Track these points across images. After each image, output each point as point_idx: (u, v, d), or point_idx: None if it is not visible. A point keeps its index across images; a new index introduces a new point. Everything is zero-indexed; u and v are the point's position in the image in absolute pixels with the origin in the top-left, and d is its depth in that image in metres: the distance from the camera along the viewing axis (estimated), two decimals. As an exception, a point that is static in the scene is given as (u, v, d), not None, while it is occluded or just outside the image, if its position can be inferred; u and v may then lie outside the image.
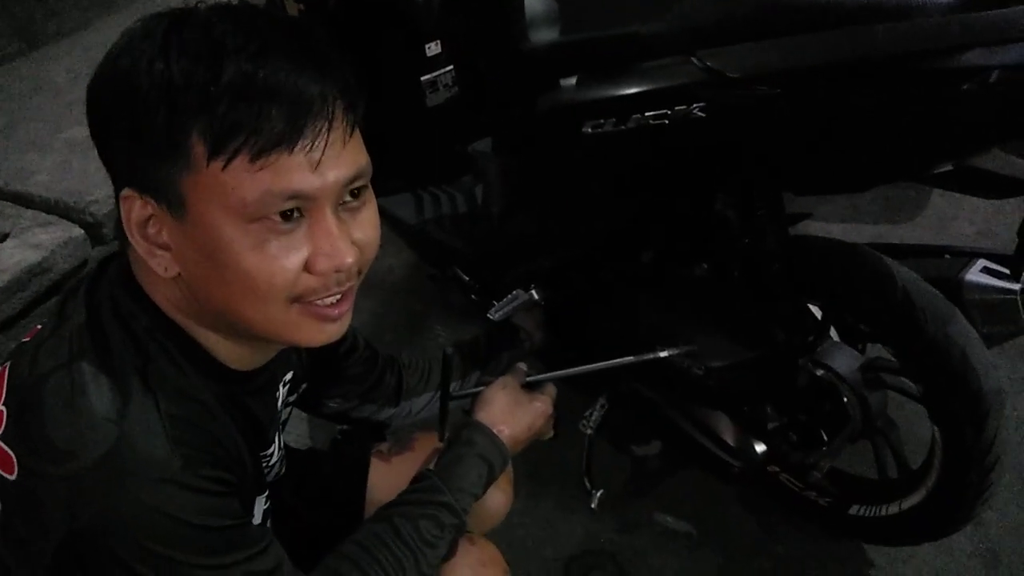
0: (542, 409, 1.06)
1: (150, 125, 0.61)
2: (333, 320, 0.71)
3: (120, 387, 0.65)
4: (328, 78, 0.63)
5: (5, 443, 0.65)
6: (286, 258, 0.64)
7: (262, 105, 0.60)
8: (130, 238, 0.66)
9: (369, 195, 0.71)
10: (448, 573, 0.92)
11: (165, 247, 0.66)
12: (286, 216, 0.63)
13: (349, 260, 0.66)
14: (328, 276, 0.67)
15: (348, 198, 0.68)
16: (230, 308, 0.67)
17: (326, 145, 0.63)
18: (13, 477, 0.65)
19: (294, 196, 0.63)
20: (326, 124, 0.63)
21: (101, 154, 0.66)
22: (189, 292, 0.69)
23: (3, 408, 0.67)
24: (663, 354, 1.16)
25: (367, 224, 0.70)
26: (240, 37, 0.61)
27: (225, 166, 0.61)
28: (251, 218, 0.62)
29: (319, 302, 0.69)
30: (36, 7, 2.55)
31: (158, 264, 0.66)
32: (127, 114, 0.62)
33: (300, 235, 0.65)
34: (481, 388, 1.07)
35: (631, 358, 1.17)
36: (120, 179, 0.65)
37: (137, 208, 0.65)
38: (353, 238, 0.68)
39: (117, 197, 0.66)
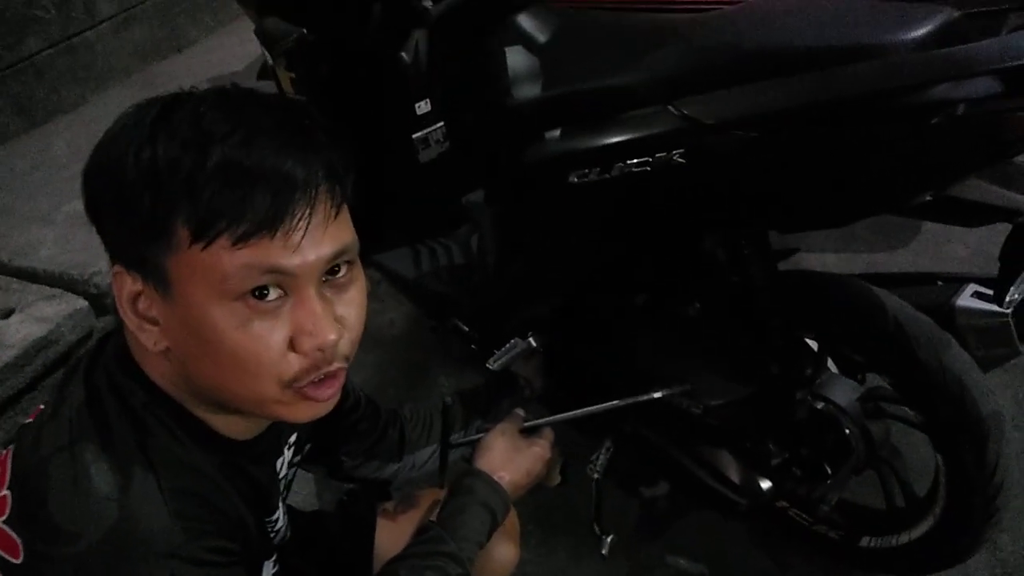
0: (540, 454, 1.07)
1: (136, 209, 0.62)
2: (320, 401, 0.71)
3: (120, 465, 0.66)
4: (313, 161, 0.64)
5: (10, 527, 0.66)
6: (270, 336, 0.65)
7: (245, 192, 0.61)
8: (121, 313, 0.68)
9: (356, 273, 0.72)
10: None
11: (154, 322, 0.67)
12: (265, 293, 0.64)
13: (332, 337, 0.67)
14: (313, 355, 0.67)
15: (332, 275, 0.69)
16: (218, 384, 0.68)
17: (307, 228, 0.64)
18: (19, 561, 0.65)
19: (272, 271, 0.63)
20: (307, 209, 0.64)
21: (97, 230, 0.68)
22: (180, 367, 0.69)
23: (8, 492, 0.68)
24: (657, 395, 1.17)
25: (352, 302, 0.71)
26: (227, 124, 0.62)
27: (206, 247, 0.62)
28: (233, 295, 0.63)
29: (307, 383, 0.69)
30: (35, 84, 2.61)
31: (147, 338, 0.67)
32: (115, 198, 0.64)
33: (283, 314, 0.66)
34: (480, 436, 1.08)
35: (626, 400, 1.18)
36: (112, 255, 0.67)
37: (127, 284, 0.66)
38: (336, 315, 0.68)
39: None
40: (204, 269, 0.62)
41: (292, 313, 0.66)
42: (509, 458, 1.04)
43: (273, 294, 0.65)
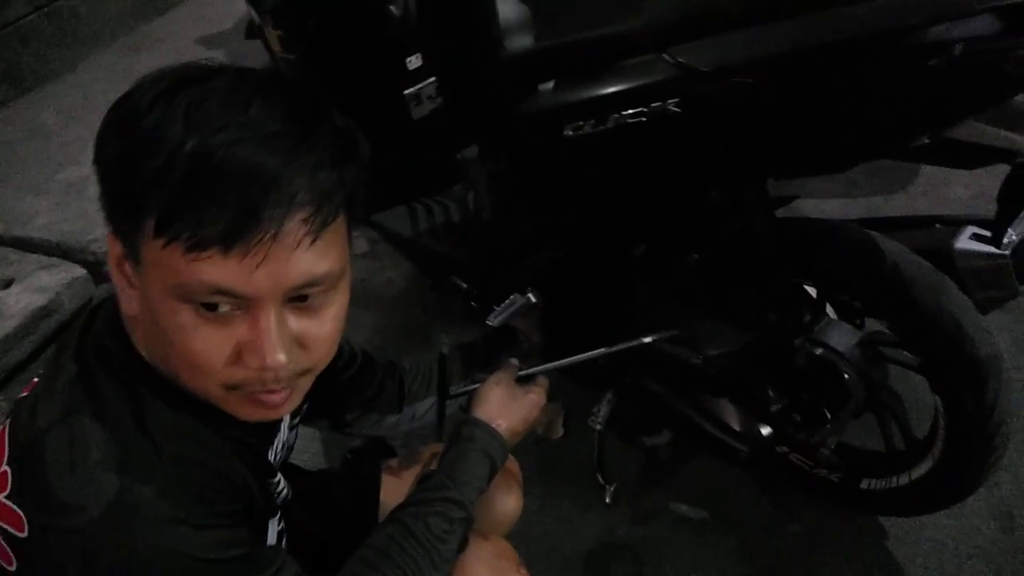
0: (536, 400, 1.08)
1: (113, 181, 0.61)
2: (270, 406, 0.69)
3: (117, 435, 0.66)
4: (297, 176, 0.60)
5: (12, 502, 0.66)
6: (215, 345, 0.63)
7: (206, 198, 0.57)
8: (110, 269, 0.67)
9: (334, 296, 0.68)
10: (462, 567, 0.94)
11: (134, 287, 0.66)
12: (212, 307, 0.62)
13: (280, 359, 0.63)
14: (258, 371, 0.64)
15: (300, 300, 0.65)
16: (170, 367, 0.67)
17: (268, 252, 0.59)
18: (24, 535, 0.65)
19: (224, 292, 0.60)
20: (273, 231, 0.59)
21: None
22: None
23: (7, 468, 0.67)
24: (646, 340, 1.18)
25: (320, 323, 0.67)
26: (221, 119, 0.58)
27: (165, 246, 0.59)
28: (184, 299, 0.61)
29: (255, 390, 0.67)
30: (22, 52, 2.58)
31: (126, 299, 0.67)
32: (104, 163, 0.62)
33: (235, 324, 0.63)
34: (476, 386, 1.09)
35: (615, 346, 1.19)
36: (105, 216, 0.66)
37: (115, 247, 0.66)
38: (295, 333, 0.65)
39: None
40: (161, 265, 0.61)
41: (244, 326, 0.63)
42: (506, 406, 1.04)
43: (225, 307, 0.62)
